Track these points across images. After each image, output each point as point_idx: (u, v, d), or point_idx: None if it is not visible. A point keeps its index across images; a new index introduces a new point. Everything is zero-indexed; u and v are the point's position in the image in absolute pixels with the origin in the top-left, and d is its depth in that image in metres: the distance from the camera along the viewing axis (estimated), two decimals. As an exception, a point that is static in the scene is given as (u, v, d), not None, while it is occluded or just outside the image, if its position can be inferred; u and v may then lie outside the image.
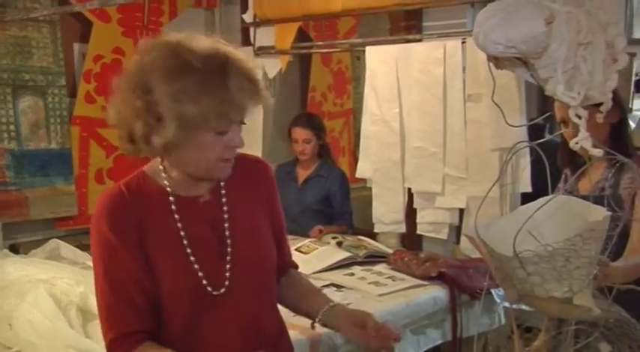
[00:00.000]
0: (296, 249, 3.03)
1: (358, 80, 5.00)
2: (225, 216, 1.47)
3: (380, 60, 3.51)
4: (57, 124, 3.41)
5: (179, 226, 1.42)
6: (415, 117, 3.40)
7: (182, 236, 1.41)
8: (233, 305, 1.44)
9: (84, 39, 3.52)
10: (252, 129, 3.99)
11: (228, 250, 1.45)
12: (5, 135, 3.22)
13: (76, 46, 3.53)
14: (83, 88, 3.46)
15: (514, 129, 2.80)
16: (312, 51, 4.44)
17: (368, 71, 3.58)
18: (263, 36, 3.97)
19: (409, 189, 3.52)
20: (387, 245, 3.44)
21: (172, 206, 1.43)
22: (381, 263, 2.98)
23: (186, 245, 1.41)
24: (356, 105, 5.07)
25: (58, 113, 3.41)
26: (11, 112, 3.23)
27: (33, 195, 3.31)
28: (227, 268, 1.44)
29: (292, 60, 4.23)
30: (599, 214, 1.30)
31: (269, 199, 1.58)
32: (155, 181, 1.45)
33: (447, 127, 3.29)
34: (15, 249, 3.16)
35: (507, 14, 1.15)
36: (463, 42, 3.17)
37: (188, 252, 1.41)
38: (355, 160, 4.11)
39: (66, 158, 3.45)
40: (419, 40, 3.51)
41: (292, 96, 4.84)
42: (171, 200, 1.43)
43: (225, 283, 1.43)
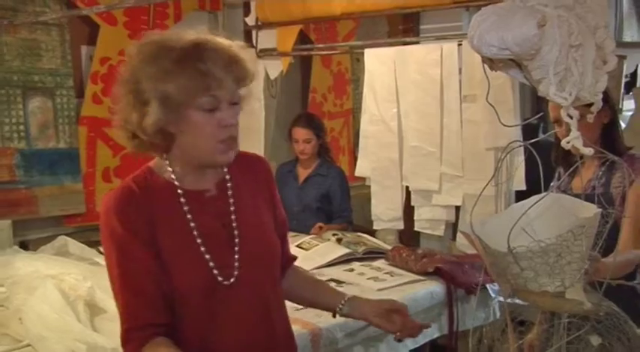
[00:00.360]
0: (297, 246, 3.04)
1: (357, 81, 5.00)
2: (232, 209, 1.46)
3: (378, 61, 3.51)
4: (65, 124, 3.40)
5: (189, 217, 1.41)
6: (413, 117, 3.40)
7: (192, 227, 1.40)
8: (243, 295, 1.43)
9: (91, 41, 3.52)
10: (254, 129, 3.99)
11: (236, 241, 1.44)
12: (15, 135, 3.22)
13: (84, 49, 3.52)
14: (90, 89, 3.46)
15: (508, 128, 2.81)
16: (312, 53, 4.44)
17: (367, 72, 3.59)
18: (265, 38, 3.97)
19: (407, 187, 3.52)
20: (386, 241, 3.45)
21: (181, 199, 1.42)
22: (380, 259, 2.99)
23: (196, 236, 1.40)
24: (355, 105, 5.07)
25: (66, 113, 3.41)
26: (21, 113, 3.23)
27: (42, 193, 3.31)
28: (236, 258, 1.42)
29: (293, 62, 4.24)
30: (589, 211, 1.30)
31: (270, 195, 1.58)
32: (162, 176, 1.44)
33: (444, 127, 3.29)
34: (25, 246, 3.16)
35: (501, 18, 1.15)
36: (459, 44, 3.17)
37: (199, 243, 1.40)
38: (354, 159, 4.11)
39: (74, 157, 3.45)
40: (416, 43, 3.52)
41: (294, 96, 4.84)
42: (179, 193, 1.42)
43: (234, 273, 1.41)
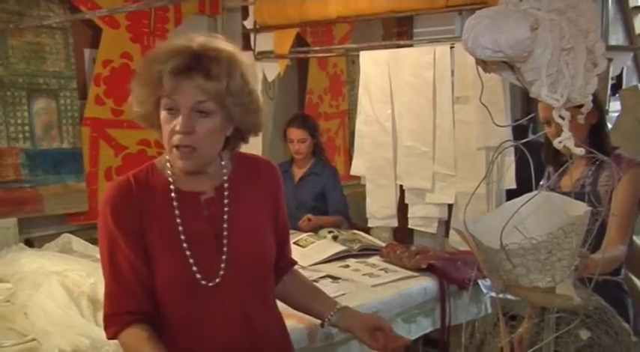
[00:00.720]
0: (294, 243, 3.03)
1: (353, 83, 4.99)
2: (225, 209, 1.44)
3: (373, 64, 3.51)
4: (69, 125, 3.40)
5: (178, 221, 1.40)
6: (406, 117, 3.40)
7: (180, 230, 1.39)
8: (227, 297, 1.41)
9: (94, 45, 3.51)
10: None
11: (224, 242, 1.42)
12: (20, 135, 3.21)
13: (87, 52, 3.52)
14: (93, 91, 3.45)
15: (499, 129, 2.81)
16: (309, 55, 4.43)
17: (362, 74, 3.58)
18: (263, 41, 3.97)
19: (401, 186, 3.52)
20: (380, 238, 3.44)
21: (173, 198, 1.41)
22: (375, 255, 2.99)
23: (183, 239, 1.39)
24: (351, 106, 5.07)
25: (70, 115, 3.40)
26: (26, 114, 3.22)
27: (46, 192, 3.30)
28: (222, 259, 1.41)
29: (290, 64, 4.24)
30: (580, 209, 1.30)
31: (275, 200, 1.56)
32: (162, 174, 1.44)
33: (437, 127, 3.29)
34: (30, 243, 3.15)
35: (495, 21, 1.15)
36: (452, 47, 3.17)
37: (184, 247, 1.39)
38: (350, 159, 4.11)
39: (77, 157, 3.44)
40: (410, 45, 3.52)
41: (291, 98, 4.84)
42: (172, 193, 1.41)
43: (219, 274, 1.40)
